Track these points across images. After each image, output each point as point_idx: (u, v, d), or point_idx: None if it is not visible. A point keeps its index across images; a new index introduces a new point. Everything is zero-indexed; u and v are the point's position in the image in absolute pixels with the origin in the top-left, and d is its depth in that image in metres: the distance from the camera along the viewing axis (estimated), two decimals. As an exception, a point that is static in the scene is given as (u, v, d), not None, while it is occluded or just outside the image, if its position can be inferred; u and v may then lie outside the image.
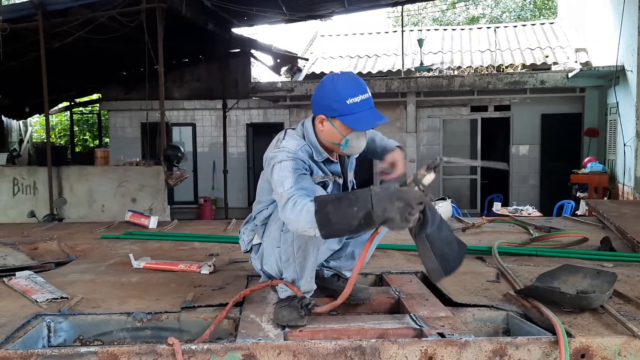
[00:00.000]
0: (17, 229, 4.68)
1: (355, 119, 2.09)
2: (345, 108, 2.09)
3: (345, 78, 2.14)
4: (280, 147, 2.17)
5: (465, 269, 3.05)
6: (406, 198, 1.83)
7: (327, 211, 1.88)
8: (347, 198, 1.91)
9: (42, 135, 16.31)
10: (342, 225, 1.88)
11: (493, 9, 24.70)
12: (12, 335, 2.04)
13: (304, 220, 1.92)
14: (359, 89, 2.11)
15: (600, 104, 10.99)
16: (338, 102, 2.09)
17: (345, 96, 2.09)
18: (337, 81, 2.13)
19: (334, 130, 2.15)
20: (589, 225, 4.54)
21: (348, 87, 2.10)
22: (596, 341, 1.95)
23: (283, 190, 2.03)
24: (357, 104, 2.09)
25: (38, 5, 7.38)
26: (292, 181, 2.04)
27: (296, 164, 2.11)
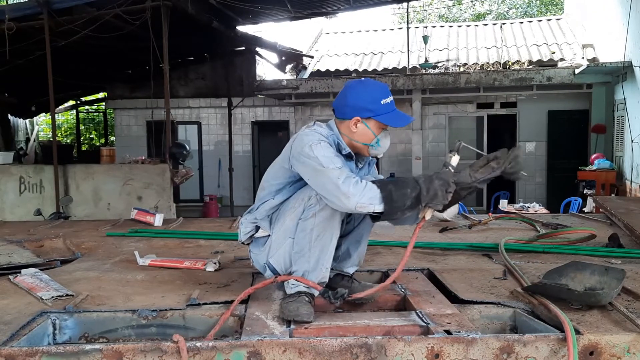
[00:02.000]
0: (23, 227, 4.70)
1: (391, 117, 2.29)
2: (380, 108, 2.27)
3: (373, 82, 2.36)
4: (314, 129, 2.31)
5: (471, 265, 3.05)
6: (443, 177, 2.17)
7: (390, 189, 2.12)
8: (399, 182, 2.16)
9: (49, 133, 16.39)
10: (399, 203, 2.12)
11: (499, 5, 24.59)
12: (18, 332, 2.03)
13: (368, 196, 2.11)
14: (386, 91, 2.31)
15: (608, 101, 10.92)
16: (373, 103, 2.26)
17: (378, 97, 2.27)
18: (367, 85, 2.32)
19: (367, 131, 2.29)
20: (597, 222, 4.50)
21: (378, 90, 2.29)
22: (605, 338, 1.92)
23: (334, 167, 2.15)
24: (389, 104, 2.29)
25: (43, 4, 7.40)
26: (339, 161, 2.21)
27: (331, 148, 2.27)
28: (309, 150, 2.19)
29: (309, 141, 2.21)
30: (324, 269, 2.26)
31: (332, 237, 2.26)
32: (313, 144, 2.20)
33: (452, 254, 3.38)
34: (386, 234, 4.10)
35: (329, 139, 2.30)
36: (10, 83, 11.55)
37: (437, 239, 3.85)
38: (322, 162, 2.15)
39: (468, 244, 3.58)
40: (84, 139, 17.75)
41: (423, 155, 12.00)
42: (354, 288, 2.42)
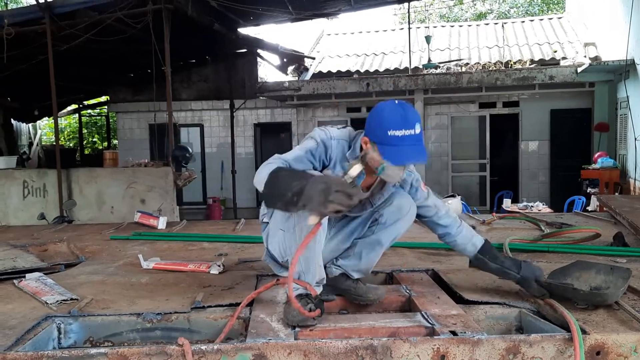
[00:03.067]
0: (27, 231, 4.70)
1: (390, 151, 2.14)
2: (385, 137, 2.14)
3: (394, 109, 2.17)
4: (327, 128, 2.36)
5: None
6: (327, 181, 1.92)
7: (279, 176, 1.99)
8: (296, 173, 2.03)
9: (51, 138, 16.43)
10: (278, 191, 1.94)
11: (501, 4, 24.57)
12: (23, 337, 2.04)
13: (261, 175, 2.08)
14: (404, 124, 2.13)
15: (610, 99, 10.89)
16: (380, 130, 2.15)
17: (387, 126, 2.13)
18: (386, 110, 2.18)
19: (373, 154, 2.19)
20: (601, 220, 4.49)
21: (393, 119, 2.14)
22: (611, 338, 1.91)
23: (283, 156, 2.24)
24: (397, 138, 2.12)
25: (45, 8, 7.43)
26: (293, 155, 2.25)
27: (317, 149, 2.28)
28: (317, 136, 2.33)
29: (310, 134, 2.36)
30: (317, 267, 2.23)
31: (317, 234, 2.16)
32: (309, 135, 2.35)
33: (456, 255, 3.35)
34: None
35: (337, 140, 2.32)
36: (13, 88, 11.60)
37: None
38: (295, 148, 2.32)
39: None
40: (86, 142, 17.79)
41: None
42: (359, 289, 2.42)
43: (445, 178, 12.32)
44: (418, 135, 2.15)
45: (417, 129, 2.15)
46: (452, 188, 11.96)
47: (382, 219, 2.41)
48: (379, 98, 11.87)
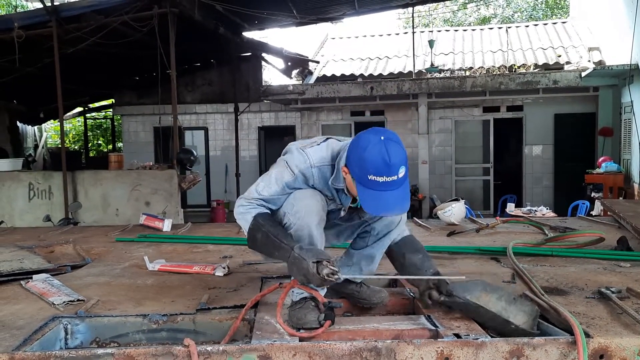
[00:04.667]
0: (33, 233, 4.74)
1: (368, 196, 2.02)
2: (364, 180, 2.01)
3: (377, 151, 1.98)
4: (306, 151, 2.20)
5: (480, 269, 3.05)
6: (305, 273, 2.02)
7: (255, 238, 2.19)
8: (274, 242, 2.12)
9: (57, 140, 16.49)
10: (261, 250, 2.25)
11: (504, 9, 24.56)
12: (30, 337, 2.05)
13: (242, 219, 2.26)
14: (387, 170, 1.98)
15: (615, 103, 10.88)
16: (359, 170, 2.02)
17: (367, 170, 1.99)
18: (368, 150, 1.99)
19: (352, 185, 2.11)
20: (605, 225, 4.49)
21: (374, 162, 1.98)
22: (615, 341, 1.92)
23: (255, 191, 2.25)
24: (377, 183, 1.99)
25: (52, 12, 7.48)
26: (270, 192, 2.22)
27: (295, 181, 2.20)
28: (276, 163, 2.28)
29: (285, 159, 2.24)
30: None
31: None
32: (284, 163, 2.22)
33: (460, 258, 3.38)
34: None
35: (318, 169, 2.18)
36: (19, 90, 11.65)
37: (445, 242, 3.86)
38: (262, 179, 2.27)
39: (476, 247, 3.58)
40: (91, 145, 17.86)
41: (429, 159, 11.99)
42: (363, 292, 2.43)
43: (449, 182, 12.32)
44: (401, 179, 2.01)
45: (400, 173, 2.00)
46: (455, 192, 11.96)
47: (373, 231, 2.41)
48: (383, 102, 11.90)
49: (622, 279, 2.77)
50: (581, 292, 2.53)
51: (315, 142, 2.24)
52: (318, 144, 2.23)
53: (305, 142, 2.28)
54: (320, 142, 2.23)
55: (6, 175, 8.17)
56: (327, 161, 2.19)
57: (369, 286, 2.49)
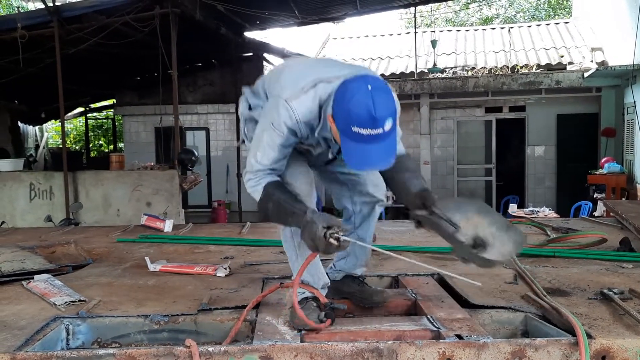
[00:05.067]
0: (34, 233, 4.74)
1: (351, 148, 1.91)
2: (347, 131, 1.89)
3: (362, 101, 1.85)
4: (291, 105, 2.03)
5: (482, 270, 3.02)
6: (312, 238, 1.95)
7: (267, 208, 2.10)
8: (286, 209, 2.05)
9: (58, 140, 16.51)
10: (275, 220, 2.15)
11: (507, 9, 24.53)
12: (32, 337, 2.06)
13: (254, 191, 2.15)
14: (371, 123, 1.85)
15: (617, 104, 10.86)
16: (343, 121, 1.90)
17: (351, 121, 1.87)
18: (353, 100, 1.86)
19: (336, 135, 1.99)
20: (608, 226, 4.48)
21: (359, 113, 1.85)
22: (617, 342, 1.91)
23: (256, 161, 2.12)
24: (361, 136, 1.86)
25: (54, 12, 7.48)
26: (270, 159, 2.11)
27: (286, 140, 2.08)
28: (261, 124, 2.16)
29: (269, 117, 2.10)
30: (320, 272, 2.29)
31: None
32: (270, 124, 2.07)
33: (462, 259, 3.37)
34: (397, 238, 4.10)
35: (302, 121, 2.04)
36: (21, 91, 11.66)
37: (447, 243, 3.84)
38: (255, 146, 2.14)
39: (478, 248, 3.57)
40: (92, 145, 17.87)
41: (432, 160, 11.98)
42: (364, 292, 2.42)
43: (450, 182, 12.31)
44: (387, 132, 1.88)
45: (387, 126, 1.87)
46: (457, 192, 11.95)
47: (356, 207, 2.41)
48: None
49: (624, 280, 2.76)
50: (583, 293, 2.53)
51: (303, 90, 2.05)
52: (305, 91, 2.04)
53: (293, 88, 2.07)
54: (308, 88, 2.05)
55: (7, 176, 8.19)
56: (314, 114, 2.06)
57: (371, 286, 2.49)
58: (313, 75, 2.08)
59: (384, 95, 1.88)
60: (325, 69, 2.14)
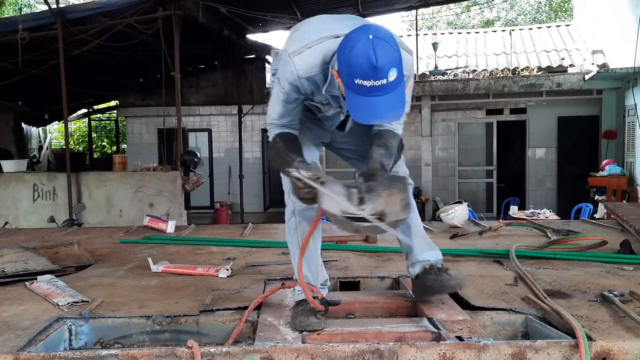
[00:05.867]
0: (38, 234, 4.76)
1: (355, 101, 1.84)
2: (351, 83, 1.82)
3: (363, 51, 1.77)
4: (293, 60, 2.01)
5: (483, 272, 3.05)
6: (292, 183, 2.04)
7: (270, 154, 2.24)
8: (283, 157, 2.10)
9: (61, 141, 16.55)
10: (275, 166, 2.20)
11: (508, 11, 24.56)
12: (35, 338, 2.07)
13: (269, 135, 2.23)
14: (373, 73, 1.77)
15: (618, 106, 10.87)
16: (346, 72, 1.83)
17: (353, 72, 1.80)
18: (355, 50, 1.79)
19: (341, 88, 1.92)
20: (608, 228, 4.48)
21: (360, 64, 1.78)
22: (617, 345, 1.92)
23: (269, 116, 2.21)
24: (364, 88, 1.79)
25: (57, 14, 7.52)
26: (277, 113, 2.17)
27: (289, 96, 2.09)
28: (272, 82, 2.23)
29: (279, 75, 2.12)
30: (319, 268, 2.31)
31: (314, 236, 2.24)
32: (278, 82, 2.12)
33: (463, 260, 3.38)
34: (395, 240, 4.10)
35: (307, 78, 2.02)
36: (24, 92, 11.71)
37: (448, 245, 3.86)
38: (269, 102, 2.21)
39: (479, 250, 3.58)
40: (95, 146, 17.91)
41: (433, 162, 11.99)
42: (443, 280, 2.32)
43: (452, 184, 12.32)
44: (392, 82, 1.80)
45: (390, 76, 1.79)
46: (458, 194, 11.96)
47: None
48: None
49: (625, 282, 2.77)
50: (584, 295, 2.53)
51: (307, 45, 2.01)
52: (309, 46, 2.00)
53: (300, 42, 2.04)
54: (313, 44, 2.00)
55: (11, 176, 8.21)
56: (317, 69, 2.00)
57: (451, 274, 2.37)
58: (322, 32, 2.04)
59: (386, 44, 1.80)
60: (337, 25, 2.06)
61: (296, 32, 2.20)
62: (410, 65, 1.99)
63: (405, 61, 1.91)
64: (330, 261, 3.36)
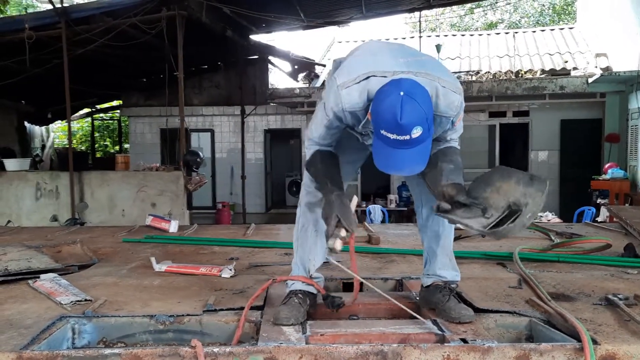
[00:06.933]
0: (40, 233, 4.76)
1: (379, 148, 1.95)
2: (378, 132, 1.94)
3: (391, 107, 1.88)
4: (341, 93, 2.09)
5: (486, 274, 3.04)
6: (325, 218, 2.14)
7: (310, 170, 2.30)
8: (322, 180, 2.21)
9: (64, 141, 16.57)
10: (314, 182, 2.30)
11: (512, 14, 24.54)
12: (38, 336, 2.07)
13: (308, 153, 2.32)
14: (396, 129, 1.87)
15: (621, 110, 10.85)
16: (375, 122, 1.95)
17: (380, 124, 1.92)
18: (383, 104, 1.91)
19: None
20: (611, 231, 4.47)
21: (386, 118, 1.89)
22: (622, 348, 1.91)
23: (310, 132, 2.28)
24: (388, 139, 1.91)
25: (61, 13, 7.54)
26: (318, 134, 2.25)
27: (331, 123, 2.18)
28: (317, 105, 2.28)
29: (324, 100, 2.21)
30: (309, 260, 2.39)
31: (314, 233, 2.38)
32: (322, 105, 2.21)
33: (466, 263, 3.37)
34: (400, 241, 4.11)
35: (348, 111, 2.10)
36: (28, 91, 11.73)
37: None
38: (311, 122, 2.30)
39: (482, 252, 3.58)
40: (98, 146, 17.93)
41: (435, 164, 11.97)
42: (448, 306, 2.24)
43: (454, 187, 12.28)
44: (416, 139, 1.89)
45: (414, 134, 1.88)
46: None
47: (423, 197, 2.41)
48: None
49: (629, 285, 2.76)
50: (588, 298, 2.53)
51: (355, 80, 2.08)
52: (357, 82, 2.07)
53: (348, 76, 2.11)
54: (361, 79, 2.07)
55: (14, 175, 8.22)
56: (359, 106, 2.09)
57: (459, 300, 2.33)
58: (371, 67, 2.09)
59: (414, 103, 1.87)
60: (389, 60, 2.12)
61: (350, 58, 2.29)
62: (457, 105, 2.09)
63: (452, 101, 2.07)
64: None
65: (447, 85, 2.06)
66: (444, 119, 2.11)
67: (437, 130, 2.14)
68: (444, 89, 2.06)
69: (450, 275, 2.41)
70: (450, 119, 2.11)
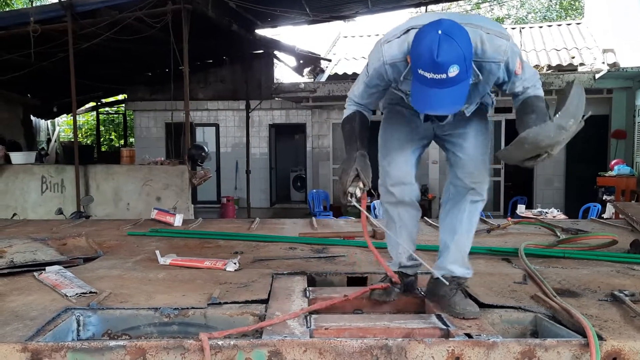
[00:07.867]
0: (46, 226, 4.78)
1: (416, 88, 1.96)
2: (415, 72, 1.93)
3: (428, 45, 1.86)
4: (383, 47, 2.15)
5: (491, 270, 3.04)
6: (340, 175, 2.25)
7: (344, 127, 2.36)
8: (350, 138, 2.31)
9: (70, 134, 16.62)
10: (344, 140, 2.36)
11: (518, 9, 24.42)
12: (43, 328, 2.08)
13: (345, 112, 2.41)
14: (433, 67, 1.86)
15: (628, 106, 10.78)
16: (413, 62, 1.95)
17: (417, 64, 1.91)
18: (422, 43, 1.90)
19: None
20: (617, 227, 4.45)
21: (423, 58, 1.88)
22: (628, 344, 1.90)
23: (351, 90, 2.36)
24: (425, 78, 1.89)
25: (67, 7, 7.54)
26: (357, 92, 2.33)
27: (371, 80, 2.24)
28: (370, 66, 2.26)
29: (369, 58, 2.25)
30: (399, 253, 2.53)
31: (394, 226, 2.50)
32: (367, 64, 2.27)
33: (471, 258, 3.31)
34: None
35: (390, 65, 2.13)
36: (33, 85, 11.76)
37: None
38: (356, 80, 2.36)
39: (487, 248, 3.57)
40: (103, 140, 17.99)
41: (440, 160, 11.94)
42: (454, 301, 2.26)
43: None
44: (452, 78, 1.87)
45: (451, 72, 1.86)
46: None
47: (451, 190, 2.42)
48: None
49: (635, 282, 2.75)
50: (594, 294, 2.52)
51: (396, 35, 2.13)
52: (398, 36, 2.12)
53: (392, 33, 2.17)
54: (401, 34, 2.11)
55: (19, 168, 8.26)
56: (399, 57, 2.10)
57: (465, 296, 2.35)
58: (412, 23, 2.13)
59: (452, 41, 1.85)
60: (429, 17, 2.10)
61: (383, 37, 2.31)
62: (504, 49, 2.07)
63: (499, 46, 2.06)
64: (338, 257, 3.35)
65: (492, 32, 2.06)
66: (493, 65, 2.09)
67: (489, 79, 2.14)
68: (488, 35, 2.05)
69: (460, 272, 2.39)
70: (501, 65, 2.08)
